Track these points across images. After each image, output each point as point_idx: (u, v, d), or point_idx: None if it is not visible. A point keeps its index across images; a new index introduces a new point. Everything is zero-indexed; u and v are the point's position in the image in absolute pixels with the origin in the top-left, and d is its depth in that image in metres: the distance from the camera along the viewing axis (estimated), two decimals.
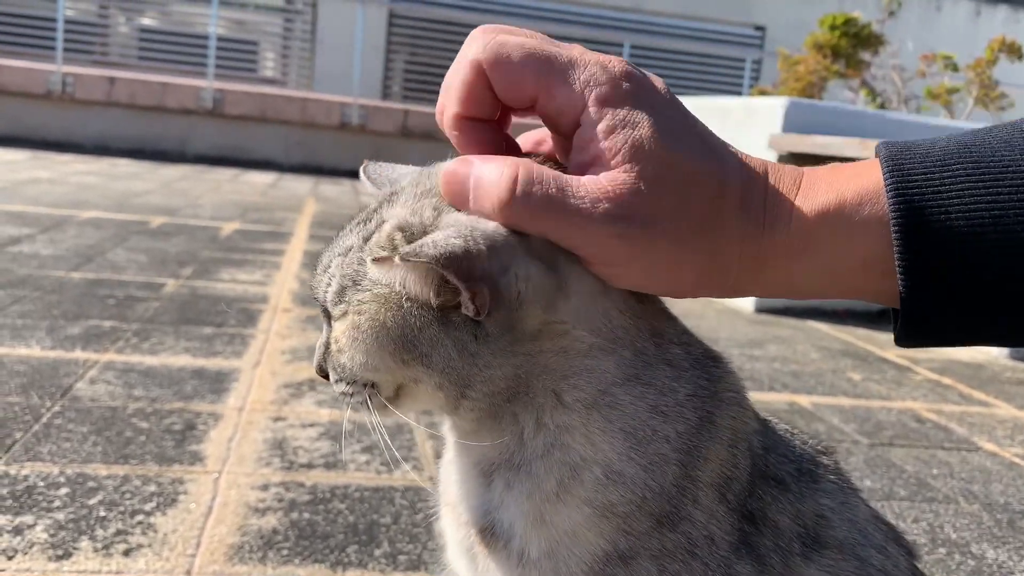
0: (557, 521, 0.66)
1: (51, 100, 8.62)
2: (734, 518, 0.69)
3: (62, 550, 1.33)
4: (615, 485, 0.65)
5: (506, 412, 0.67)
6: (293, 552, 1.39)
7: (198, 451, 1.75)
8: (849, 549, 0.71)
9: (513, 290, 0.62)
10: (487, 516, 0.70)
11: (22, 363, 2.16)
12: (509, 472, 0.68)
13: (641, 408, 0.66)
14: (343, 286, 0.67)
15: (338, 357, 0.69)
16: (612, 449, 0.66)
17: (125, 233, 4.14)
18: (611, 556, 0.66)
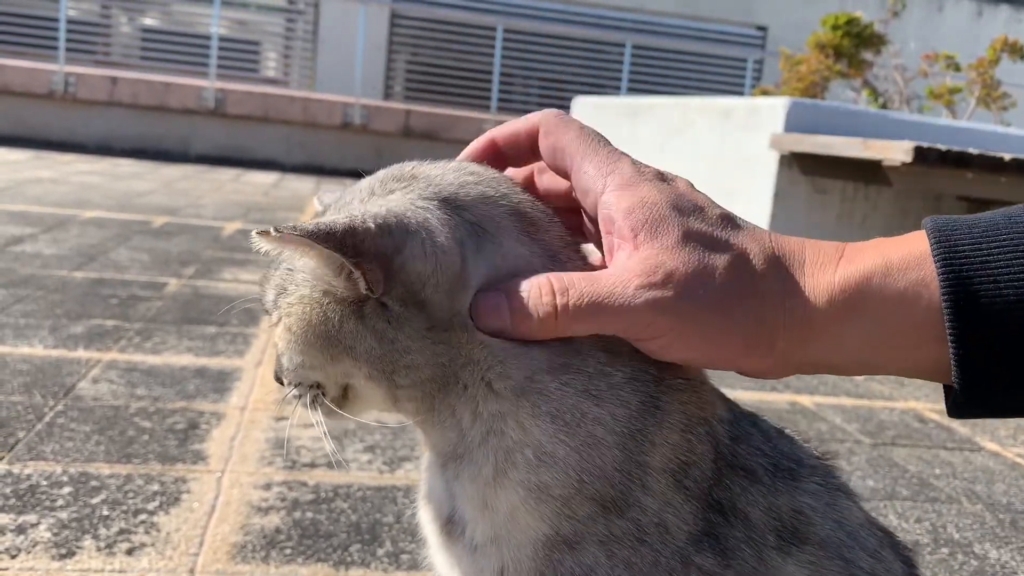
0: (497, 505, 0.68)
1: (53, 100, 8.63)
2: (695, 507, 0.68)
3: (65, 549, 1.33)
4: (546, 467, 0.66)
5: (443, 406, 0.69)
6: (296, 551, 1.39)
7: (201, 450, 1.75)
8: (834, 548, 0.70)
9: (410, 270, 0.65)
10: (450, 508, 0.72)
11: (25, 362, 2.16)
12: (454, 462, 0.70)
13: (569, 392, 0.67)
14: (277, 293, 0.72)
15: (280, 360, 0.73)
16: (541, 432, 0.67)
17: (127, 233, 4.14)
18: (554, 541, 0.66)
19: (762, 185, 3.89)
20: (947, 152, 3.24)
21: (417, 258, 0.65)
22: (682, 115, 4.55)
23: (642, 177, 0.61)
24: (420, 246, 0.65)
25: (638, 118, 5.03)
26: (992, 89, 5.01)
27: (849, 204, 3.98)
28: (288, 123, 9.15)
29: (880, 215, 4.03)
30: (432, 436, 0.73)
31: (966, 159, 3.30)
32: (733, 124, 4.11)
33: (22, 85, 8.54)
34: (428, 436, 0.74)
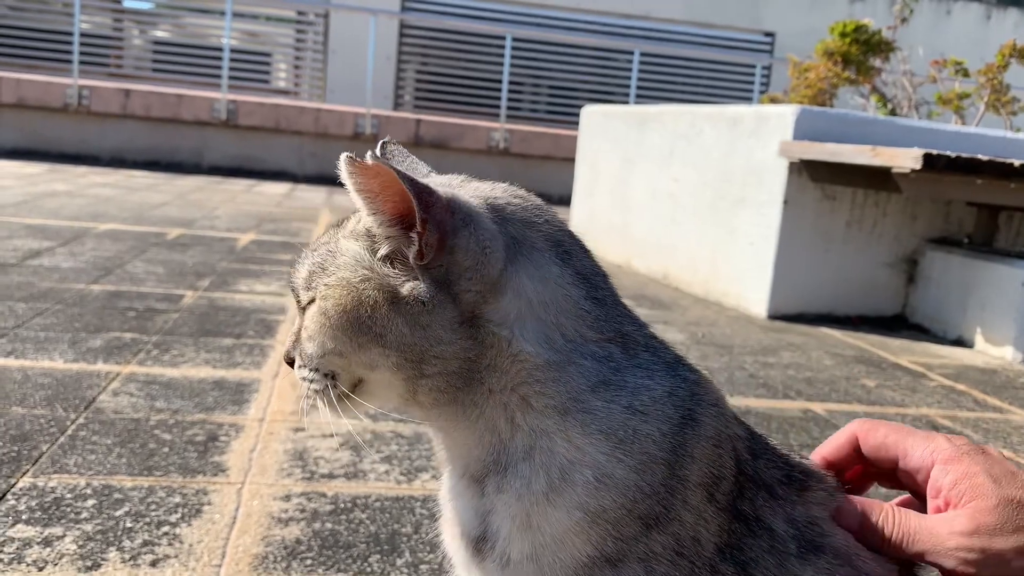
0: (544, 525, 0.68)
1: (68, 113, 8.72)
2: (723, 518, 0.70)
3: (91, 561, 1.36)
4: (607, 488, 0.67)
5: (468, 402, 0.71)
6: (316, 562, 1.42)
7: (220, 462, 1.78)
8: (844, 556, 0.72)
9: (457, 256, 0.69)
10: (480, 525, 0.72)
11: (46, 376, 2.20)
12: (497, 475, 0.70)
13: (615, 410, 0.68)
14: (311, 272, 0.74)
15: (306, 345, 0.75)
16: (597, 451, 0.68)
17: (143, 245, 4.19)
18: (597, 560, 0.67)
19: (771, 192, 3.91)
20: (956, 158, 3.25)
21: (465, 248, 0.69)
22: (690, 123, 4.57)
23: (959, 451, 0.74)
24: (471, 237, 0.69)
25: (647, 126, 5.05)
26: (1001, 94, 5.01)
27: (859, 211, 3.99)
28: (300, 134, 9.22)
29: (890, 222, 4.04)
30: (459, 439, 0.73)
31: (976, 165, 3.31)
32: (742, 131, 4.13)
33: (37, 99, 8.63)
34: (453, 441, 0.74)
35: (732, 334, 3.52)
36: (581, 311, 0.71)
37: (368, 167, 0.66)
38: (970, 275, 3.76)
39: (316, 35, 11.37)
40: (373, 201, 0.68)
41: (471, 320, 0.69)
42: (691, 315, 3.86)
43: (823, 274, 3.97)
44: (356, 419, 0.78)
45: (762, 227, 3.95)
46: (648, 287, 4.51)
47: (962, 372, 3.24)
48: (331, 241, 0.75)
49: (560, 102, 11.73)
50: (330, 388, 0.74)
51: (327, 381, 0.74)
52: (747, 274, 4.05)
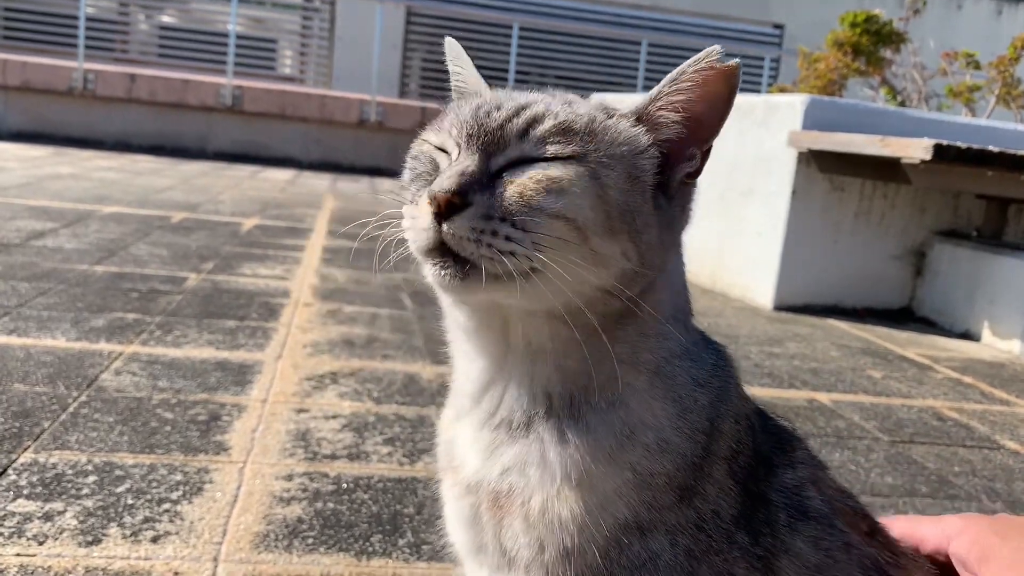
0: (597, 483, 0.67)
1: (73, 97, 8.70)
2: (739, 492, 0.70)
3: (92, 536, 1.35)
4: (662, 454, 0.67)
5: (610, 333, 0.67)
6: (318, 541, 1.40)
7: (223, 441, 1.77)
8: (826, 520, 0.73)
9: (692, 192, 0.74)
10: (506, 475, 0.70)
11: (48, 354, 2.18)
12: (559, 421, 0.68)
13: (687, 380, 0.70)
14: (575, 130, 0.67)
15: (540, 198, 0.64)
16: (665, 416, 0.68)
17: (147, 228, 4.18)
18: (630, 526, 0.67)
19: (780, 182, 3.88)
20: (967, 149, 3.22)
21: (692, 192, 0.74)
22: None
23: (966, 522, 0.78)
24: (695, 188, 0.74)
25: None
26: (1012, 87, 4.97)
27: (867, 202, 3.96)
28: (305, 120, 9.19)
29: (898, 213, 4.01)
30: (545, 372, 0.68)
31: (986, 157, 3.28)
32: (751, 122, 4.10)
33: (42, 82, 8.61)
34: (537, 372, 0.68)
35: (738, 324, 3.50)
36: (686, 291, 0.77)
37: (730, 70, 0.65)
38: (978, 268, 3.73)
39: (322, 22, 11.33)
40: (698, 102, 0.68)
41: (669, 250, 0.72)
42: (697, 305, 3.78)
43: (830, 266, 3.94)
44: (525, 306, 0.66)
45: (770, 218, 3.92)
46: None
47: (969, 365, 3.21)
48: (609, 119, 0.69)
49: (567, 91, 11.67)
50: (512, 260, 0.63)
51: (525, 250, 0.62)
52: (754, 265, 4.03)
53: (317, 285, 3.35)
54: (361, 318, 2.91)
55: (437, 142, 0.72)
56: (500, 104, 0.70)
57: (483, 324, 0.70)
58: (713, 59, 0.65)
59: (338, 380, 2.23)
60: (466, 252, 0.63)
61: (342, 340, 2.62)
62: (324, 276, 3.53)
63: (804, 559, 0.70)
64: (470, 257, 0.63)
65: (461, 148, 0.67)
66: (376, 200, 0.84)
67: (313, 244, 4.28)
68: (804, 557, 0.70)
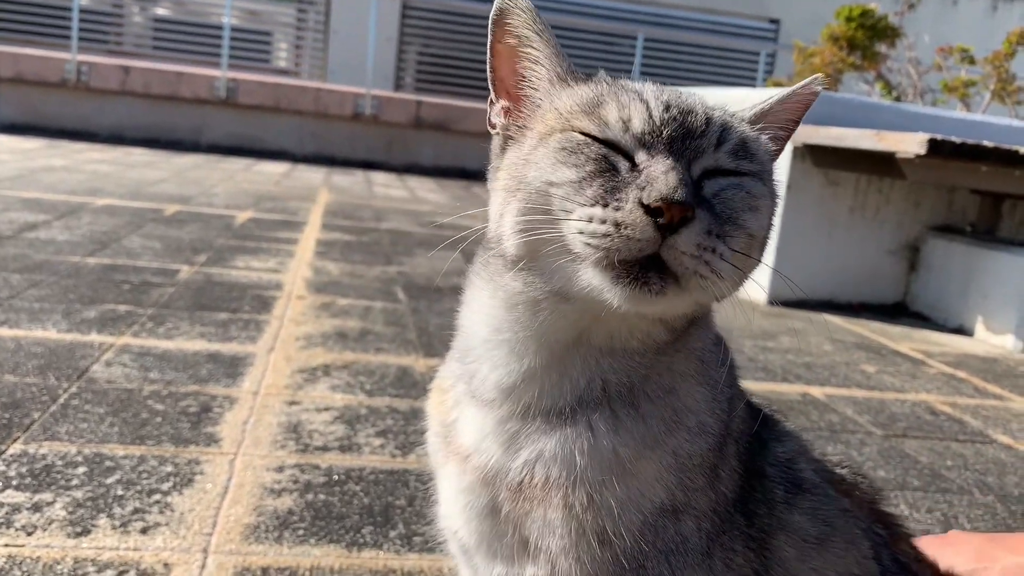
0: (643, 467, 0.66)
1: (66, 89, 8.65)
2: (739, 475, 0.72)
3: (80, 527, 1.34)
4: (701, 436, 0.69)
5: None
6: (309, 532, 1.40)
7: (214, 433, 1.76)
8: (819, 489, 0.75)
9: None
10: (529, 465, 0.68)
11: (39, 345, 2.17)
12: (623, 409, 0.67)
13: (714, 363, 0.72)
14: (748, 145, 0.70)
15: (742, 216, 0.65)
16: (704, 399, 0.70)
17: (140, 220, 4.16)
18: (666, 509, 0.67)
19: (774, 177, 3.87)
20: (962, 144, 3.22)
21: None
22: None
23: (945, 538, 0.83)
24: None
25: None
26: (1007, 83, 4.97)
27: (862, 196, 3.96)
28: (299, 113, 9.16)
29: (892, 209, 4.01)
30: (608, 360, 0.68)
31: (981, 152, 3.28)
32: None
33: (35, 74, 8.57)
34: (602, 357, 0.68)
35: (732, 318, 3.49)
36: None
37: (819, 94, 0.73)
38: (972, 263, 3.73)
39: (317, 15, 11.29)
40: (795, 121, 0.75)
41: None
42: None
43: (825, 260, 3.95)
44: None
45: None
46: None
47: (962, 360, 3.22)
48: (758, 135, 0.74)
49: None
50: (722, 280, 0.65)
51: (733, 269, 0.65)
52: None
53: (310, 278, 3.34)
54: (354, 311, 2.90)
55: (602, 135, 0.66)
56: (691, 107, 0.69)
57: (564, 321, 0.68)
58: (818, 86, 0.72)
59: (330, 373, 2.23)
60: (682, 268, 0.61)
61: (335, 333, 2.61)
62: (318, 269, 3.52)
63: (803, 532, 0.71)
64: (683, 272, 0.61)
65: (657, 150, 0.64)
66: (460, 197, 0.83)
67: (307, 237, 4.27)
68: (803, 531, 0.71)
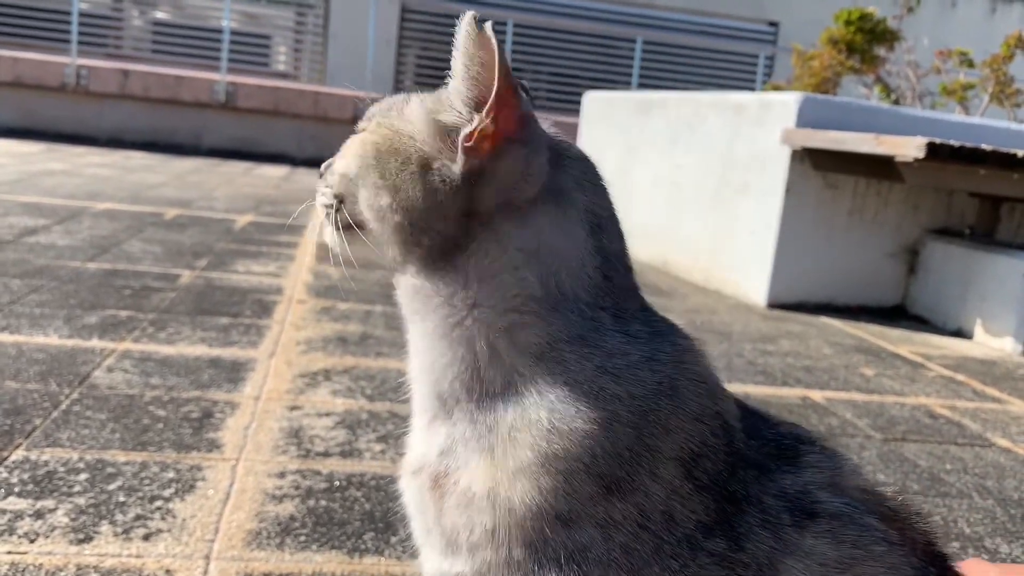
0: (504, 462, 0.69)
1: (65, 92, 8.66)
2: (707, 498, 0.69)
3: (83, 534, 1.34)
4: (560, 437, 0.68)
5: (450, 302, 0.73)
6: (310, 539, 1.40)
7: (215, 439, 1.76)
8: (848, 517, 0.72)
9: (504, 161, 0.71)
10: (443, 459, 0.73)
11: (40, 351, 2.18)
12: (470, 403, 0.72)
13: (587, 366, 0.70)
14: (381, 109, 0.81)
15: (336, 162, 0.81)
16: (559, 400, 0.69)
17: (140, 225, 4.16)
18: (547, 514, 0.68)
19: (773, 180, 3.88)
20: (960, 148, 3.22)
21: (511, 161, 0.71)
22: (693, 110, 4.54)
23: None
24: (522, 157, 0.71)
25: (650, 113, 5.02)
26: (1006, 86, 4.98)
27: (860, 200, 3.97)
28: (299, 117, 9.17)
29: (892, 211, 4.02)
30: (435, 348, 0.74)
31: (979, 155, 3.29)
32: (745, 119, 4.10)
33: (34, 78, 8.57)
34: (429, 352, 0.75)
35: (731, 322, 3.50)
36: (585, 275, 0.73)
37: (484, 36, 0.69)
38: (971, 266, 3.74)
39: (316, 18, 11.30)
40: (467, 67, 0.70)
41: (484, 220, 0.72)
42: (691, 303, 3.84)
43: (824, 263, 3.95)
44: (351, 258, 0.79)
45: (764, 215, 3.93)
46: (648, 274, 4.49)
47: (961, 363, 3.22)
48: (413, 96, 0.79)
49: (561, 88, 11.67)
50: (333, 209, 0.79)
51: (335, 202, 0.78)
52: (748, 262, 4.03)
53: (311, 282, 3.34)
54: (355, 315, 2.90)
55: None
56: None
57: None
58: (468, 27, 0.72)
59: (331, 377, 2.23)
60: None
61: (336, 337, 2.61)
62: (318, 273, 3.53)
63: (819, 555, 0.69)
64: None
65: None
66: None
67: (307, 241, 4.28)
68: (819, 553, 0.69)
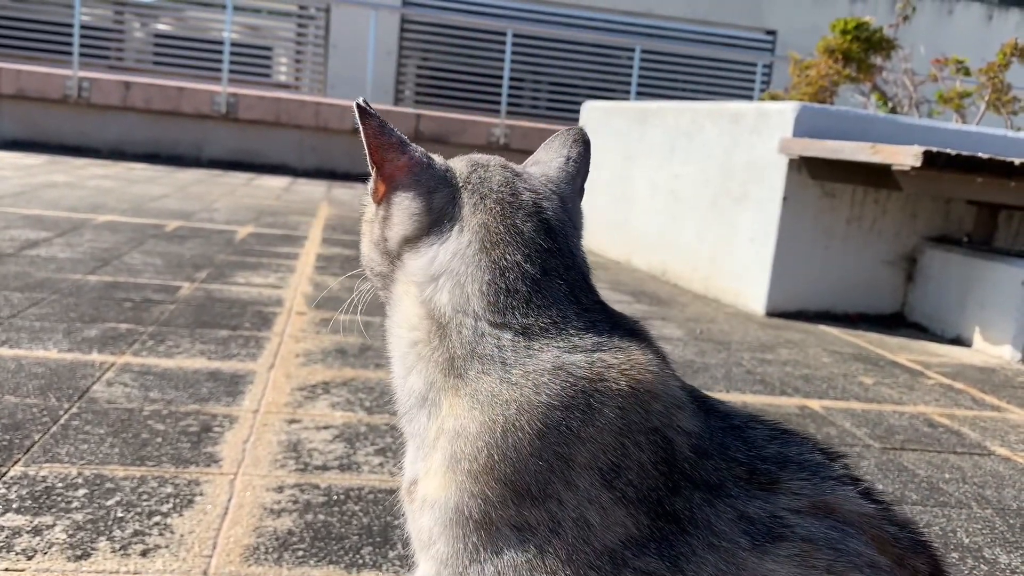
0: (431, 467, 0.77)
1: (68, 105, 8.69)
2: (635, 512, 0.70)
3: (81, 550, 1.35)
4: (462, 440, 0.74)
5: (390, 326, 0.88)
6: (308, 553, 1.41)
7: (214, 453, 1.77)
8: (824, 541, 0.70)
9: (395, 207, 0.87)
10: (411, 467, 0.82)
11: (40, 365, 2.19)
12: (409, 418, 0.82)
13: (484, 379, 0.76)
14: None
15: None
16: (462, 408, 0.76)
17: (141, 237, 4.18)
18: (464, 514, 0.73)
19: (771, 189, 3.89)
20: (957, 156, 3.23)
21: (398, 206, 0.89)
22: (691, 119, 4.55)
23: None
24: (407, 201, 0.88)
25: (647, 123, 5.04)
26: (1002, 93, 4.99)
27: (858, 208, 3.98)
28: (300, 128, 9.19)
29: (889, 219, 4.03)
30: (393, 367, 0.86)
31: (976, 163, 3.30)
32: (742, 128, 4.11)
33: (37, 90, 8.61)
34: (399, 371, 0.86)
35: (730, 331, 3.51)
36: (482, 294, 0.79)
37: (365, 112, 0.85)
38: (969, 274, 3.75)
39: (317, 29, 11.34)
40: (366, 141, 0.86)
41: (397, 258, 0.87)
42: (690, 312, 3.85)
43: (822, 271, 3.96)
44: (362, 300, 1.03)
45: (762, 224, 3.94)
46: (647, 284, 4.50)
47: (960, 371, 3.23)
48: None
49: (560, 98, 11.70)
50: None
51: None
52: (746, 271, 4.04)
53: (311, 293, 3.35)
54: (354, 326, 2.91)
55: None
56: None
57: None
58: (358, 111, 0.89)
59: (330, 390, 2.24)
60: None
61: (335, 349, 2.62)
62: (318, 284, 3.54)
63: None
64: None
65: None
66: None
67: (308, 252, 4.29)
68: None
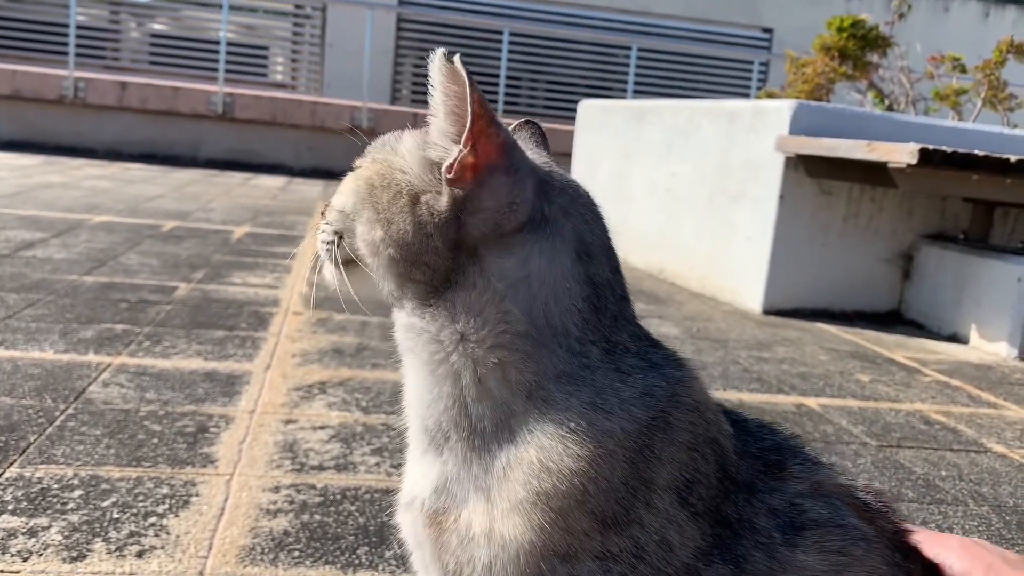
0: (499, 499, 0.69)
1: (63, 105, 8.68)
2: (703, 523, 0.70)
3: (76, 552, 1.35)
4: (551, 475, 0.68)
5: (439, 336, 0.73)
6: (304, 554, 1.41)
7: (210, 453, 1.77)
8: (830, 523, 0.73)
9: (488, 190, 0.71)
10: (439, 496, 0.73)
11: (36, 366, 2.18)
12: (461, 441, 0.72)
13: (574, 403, 0.69)
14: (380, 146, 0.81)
15: (334, 199, 0.80)
16: (547, 437, 0.69)
17: (137, 237, 4.17)
18: (545, 552, 0.68)
19: (768, 187, 3.89)
20: (952, 154, 3.24)
21: (494, 190, 0.71)
22: (688, 118, 4.56)
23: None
24: (506, 185, 0.71)
25: (644, 121, 5.04)
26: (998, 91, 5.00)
27: (855, 206, 3.98)
28: (296, 127, 9.19)
29: (886, 217, 4.03)
30: (423, 381, 0.74)
31: (972, 161, 3.30)
32: (739, 127, 4.12)
33: (33, 90, 8.59)
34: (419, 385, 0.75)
35: (727, 329, 3.51)
36: (574, 308, 0.72)
37: (454, 70, 0.70)
38: (965, 271, 3.75)
39: (313, 29, 11.34)
40: (444, 102, 0.72)
41: (470, 252, 0.72)
42: (687, 310, 3.85)
43: (819, 269, 3.96)
44: (350, 292, 0.80)
45: (758, 222, 3.94)
46: (644, 282, 4.50)
47: (957, 368, 3.23)
48: (406, 132, 0.80)
49: (557, 97, 11.70)
50: (334, 246, 0.79)
51: (334, 237, 0.78)
52: (743, 269, 4.04)
53: (307, 293, 3.35)
54: (351, 326, 2.91)
55: None
56: None
57: None
58: (440, 63, 0.73)
59: (326, 390, 2.24)
60: None
61: (331, 349, 2.62)
62: (314, 283, 3.53)
63: (810, 570, 0.70)
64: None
65: None
66: None
67: (304, 252, 4.28)
68: (809, 568, 0.70)
